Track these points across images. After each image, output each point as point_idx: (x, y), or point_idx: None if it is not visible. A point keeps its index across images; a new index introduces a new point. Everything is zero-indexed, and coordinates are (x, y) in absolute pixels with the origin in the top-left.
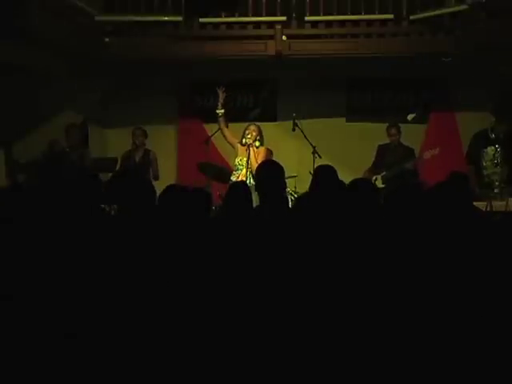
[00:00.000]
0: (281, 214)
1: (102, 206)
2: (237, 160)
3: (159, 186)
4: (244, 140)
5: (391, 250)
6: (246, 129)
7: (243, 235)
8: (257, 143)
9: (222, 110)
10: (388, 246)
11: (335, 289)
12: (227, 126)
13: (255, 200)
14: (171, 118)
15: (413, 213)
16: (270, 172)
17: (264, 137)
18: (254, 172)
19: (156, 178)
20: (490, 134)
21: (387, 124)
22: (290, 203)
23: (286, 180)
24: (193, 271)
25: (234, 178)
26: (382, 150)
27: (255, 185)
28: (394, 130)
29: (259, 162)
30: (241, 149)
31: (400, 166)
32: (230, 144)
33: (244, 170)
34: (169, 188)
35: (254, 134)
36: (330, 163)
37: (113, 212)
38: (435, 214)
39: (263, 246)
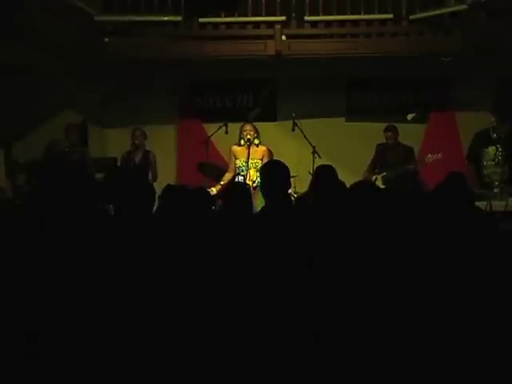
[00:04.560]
0: (285, 214)
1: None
2: (238, 162)
3: (159, 186)
4: (242, 141)
5: (392, 249)
6: (242, 129)
7: (245, 235)
8: (256, 141)
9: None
10: (389, 245)
11: (336, 288)
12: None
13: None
14: (171, 117)
15: (413, 213)
16: (276, 172)
17: (264, 137)
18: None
19: (155, 179)
20: (491, 134)
21: (386, 124)
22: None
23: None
24: (194, 271)
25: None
26: (381, 150)
27: (260, 185)
28: (389, 133)
29: (265, 162)
30: (239, 151)
31: (402, 168)
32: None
33: (252, 171)
34: (168, 188)
35: (251, 132)
36: (329, 163)
37: (110, 212)
38: (435, 215)
39: (264, 246)
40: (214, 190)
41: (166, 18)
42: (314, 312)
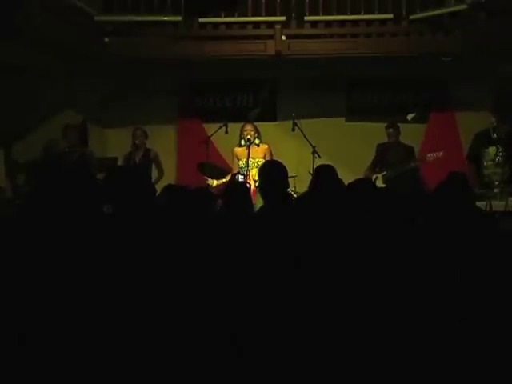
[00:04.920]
0: (283, 213)
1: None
2: (241, 163)
3: (158, 187)
4: (243, 141)
5: (391, 249)
6: (242, 129)
7: (245, 234)
8: (257, 141)
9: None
10: (388, 245)
11: (336, 288)
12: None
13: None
14: (171, 117)
15: (413, 213)
16: (274, 172)
17: (264, 137)
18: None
19: (161, 175)
20: (492, 134)
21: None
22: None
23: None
24: (193, 271)
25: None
26: (381, 149)
27: (258, 185)
28: (391, 130)
29: (266, 160)
30: (240, 151)
31: (402, 167)
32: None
33: (254, 171)
34: (167, 188)
35: (252, 132)
36: (329, 163)
37: (107, 211)
38: (435, 214)
39: (264, 246)
40: (214, 183)
41: (166, 18)
42: (314, 312)
